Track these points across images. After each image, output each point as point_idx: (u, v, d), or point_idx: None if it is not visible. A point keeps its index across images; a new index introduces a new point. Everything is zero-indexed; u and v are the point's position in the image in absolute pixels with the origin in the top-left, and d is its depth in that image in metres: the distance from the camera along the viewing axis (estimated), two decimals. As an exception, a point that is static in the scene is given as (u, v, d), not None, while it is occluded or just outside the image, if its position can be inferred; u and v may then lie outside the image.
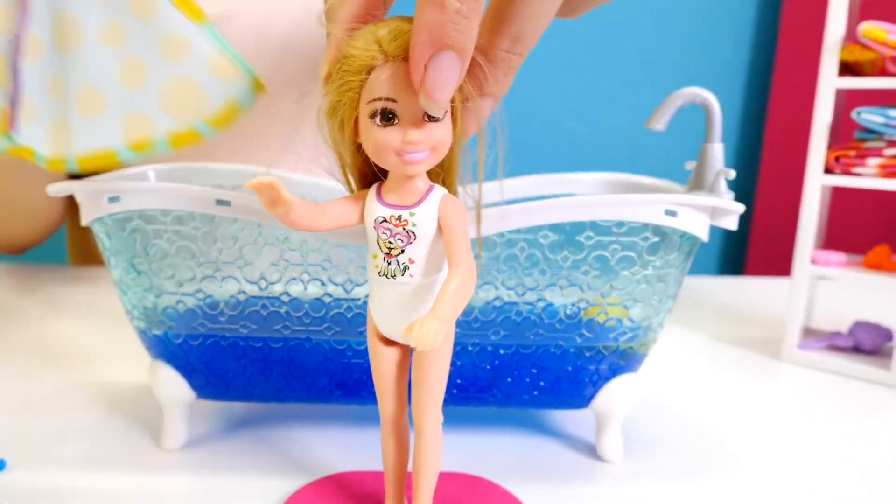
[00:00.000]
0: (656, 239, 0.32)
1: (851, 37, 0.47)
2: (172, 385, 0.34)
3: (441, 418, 0.26)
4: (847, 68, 0.48)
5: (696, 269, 1.48)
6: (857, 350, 0.52)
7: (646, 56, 1.40)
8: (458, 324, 0.32)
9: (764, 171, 1.44)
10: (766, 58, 1.44)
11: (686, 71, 1.43)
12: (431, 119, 0.22)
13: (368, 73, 0.22)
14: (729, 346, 0.55)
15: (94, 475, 0.33)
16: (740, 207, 0.33)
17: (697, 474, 0.35)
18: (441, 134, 0.22)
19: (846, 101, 0.51)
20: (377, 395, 0.27)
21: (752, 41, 1.44)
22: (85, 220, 0.32)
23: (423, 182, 0.24)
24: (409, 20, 0.22)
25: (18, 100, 0.26)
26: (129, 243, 0.32)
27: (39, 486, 0.32)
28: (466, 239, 0.23)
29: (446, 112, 0.22)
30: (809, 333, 0.55)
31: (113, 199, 0.31)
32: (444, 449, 0.35)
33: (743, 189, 1.51)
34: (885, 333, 0.51)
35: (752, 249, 1.47)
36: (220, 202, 0.30)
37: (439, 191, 0.24)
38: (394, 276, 0.24)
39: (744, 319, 0.62)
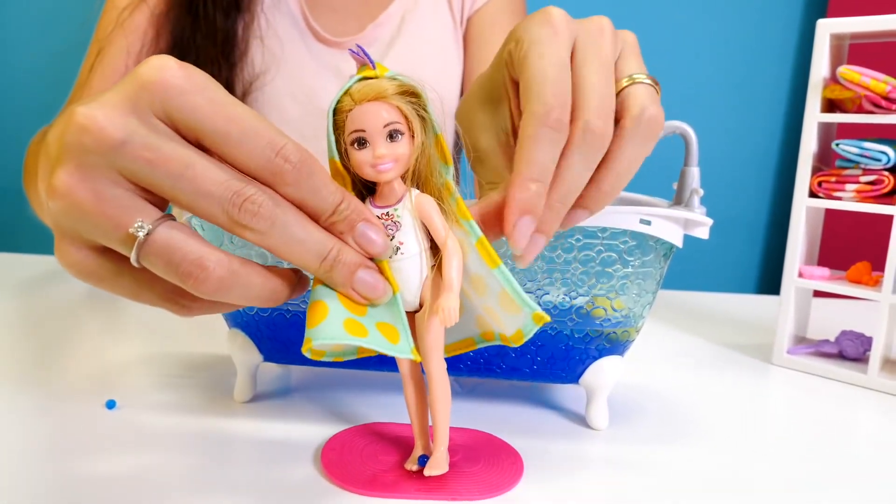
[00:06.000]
0: (633, 243, 0.39)
1: (835, 77, 0.54)
2: (245, 349, 0.43)
3: (444, 366, 0.34)
4: (834, 104, 0.55)
5: (735, 288, 1.52)
6: (841, 356, 0.57)
7: (689, 76, 1.46)
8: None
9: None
10: (804, 83, 1.47)
11: (726, 94, 1.48)
12: (392, 140, 0.31)
13: (347, 115, 0.31)
14: (726, 349, 0.62)
15: (182, 417, 0.42)
16: (707, 220, 0.40)
17: (673, 442, 0.42)
18: (400, 150, 0.31)
19: (837, 133, 0.58)
20: (396, 356, 0.35)
21: (796, 57, 1.48)
22: (186, 216, 0.41)
23: (399, 186, 0.32)
24: (371, 78, 0.31)
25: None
26: (218, 234, 0.41)
27: (141, 422, 0.41)
28: (440, 220, 0.32)
29: (403, 134, 0.31)
30: (803, 342, 0.61)
31: (208, 199, 0.40)
32: (463, 412, 0.43)
33: (781, 213, 1.54)
34: (867, 342, 0.56)
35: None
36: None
37: (413, 192, 0.32)
38: (391, 257, 0.32)
39: (747, 329, 0.68)
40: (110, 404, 0.42)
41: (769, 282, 1.57)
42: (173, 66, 0.29)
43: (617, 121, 0.33)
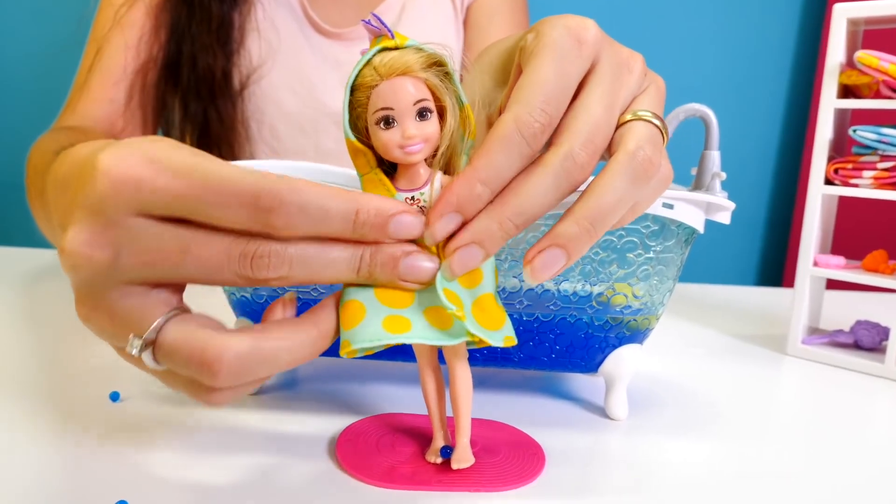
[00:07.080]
0: (656, 227, 0.38)
1: (851, 63, 0.53)
2: (254, 339, 0.42)
3: (466, 355, 0.33)
4: (848, 90, 0.54)
5: (736, 280, 1.52)
6: (857, 346, 0.56)
7: (686, 74, 1.45)
8: (489, 294, 0.39)
9: (802, 185, 1.48)
10: (807, 74, 1.47)
11: (727, 82, 1.48)
12: (421, 118, 0.29)
13: (371, 91, 0.29)
14: (739, 340, 0.61)
15: (186, 409, 0.41)
16: (730, 204, 0.39)
17: (692, 432, 0.41)
18: (430, 129, 0.29)
19: (851, 119, 0.57)
20: (414, 346, 0.34)
21: (795, 52, 1.48)
22: None
23: (423, 169, 0.30)
24: (391, 49, 0.29)
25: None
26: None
27: (144, 414, 0.40)
28: None
29: (433, 112, 0.29)
30: (816, 332, 0.60)
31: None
32: (482, 404, 0.42)
33: (782, 204, 1.54)
34: (883, 331, 0.56)
35: (789, 263, 1.50)
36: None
37: (438, 174, 0.30)
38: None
39: (757, 320, 0.68)
40: (114, 396, 0.41)
41: (770, 273, 1.57)
42: (123, 155, 0.27)
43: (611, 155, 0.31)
